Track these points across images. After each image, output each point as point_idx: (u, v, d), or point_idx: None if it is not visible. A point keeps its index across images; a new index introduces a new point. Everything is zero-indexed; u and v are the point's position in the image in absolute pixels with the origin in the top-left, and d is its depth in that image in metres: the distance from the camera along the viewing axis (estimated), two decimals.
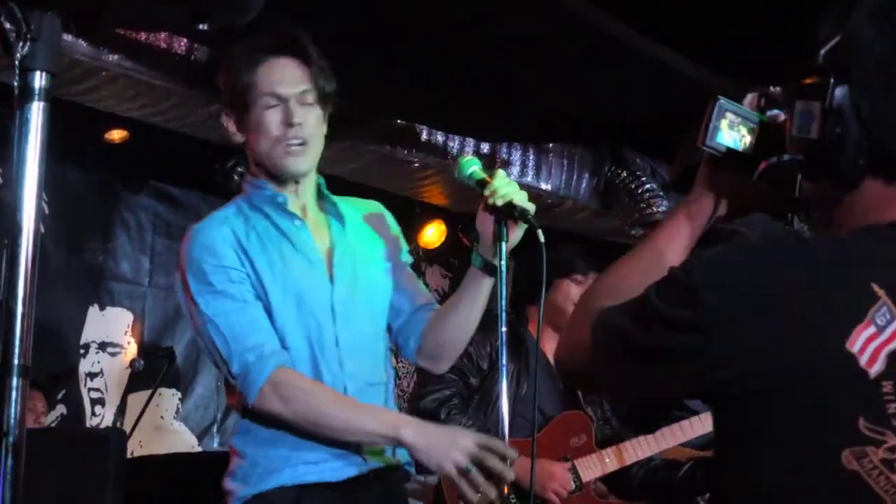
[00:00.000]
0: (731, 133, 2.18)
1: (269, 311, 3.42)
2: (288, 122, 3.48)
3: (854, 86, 1.92)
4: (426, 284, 9.46)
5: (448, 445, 3.27)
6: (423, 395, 4.78)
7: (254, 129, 3.52)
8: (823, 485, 1.76)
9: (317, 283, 3.53)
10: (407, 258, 3.80)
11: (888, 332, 1.77)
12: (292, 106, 3.50)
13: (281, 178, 3.55)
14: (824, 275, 1.83)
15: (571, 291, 5.05)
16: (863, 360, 1.76)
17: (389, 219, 3.82)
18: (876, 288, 1.79)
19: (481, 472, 3.26)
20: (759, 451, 1.83)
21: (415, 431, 3.32)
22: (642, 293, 1.97)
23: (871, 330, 1.77)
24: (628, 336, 1.97)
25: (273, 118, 3.49)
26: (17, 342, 2.18)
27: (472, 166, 3.56)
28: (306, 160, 3.54)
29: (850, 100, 1.91)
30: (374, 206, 3.81)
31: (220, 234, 3.47)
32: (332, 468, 3.41)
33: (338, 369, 3.48)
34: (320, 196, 3.67)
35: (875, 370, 1.75)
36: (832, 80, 1.93)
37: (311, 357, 3.45)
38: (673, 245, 2.20)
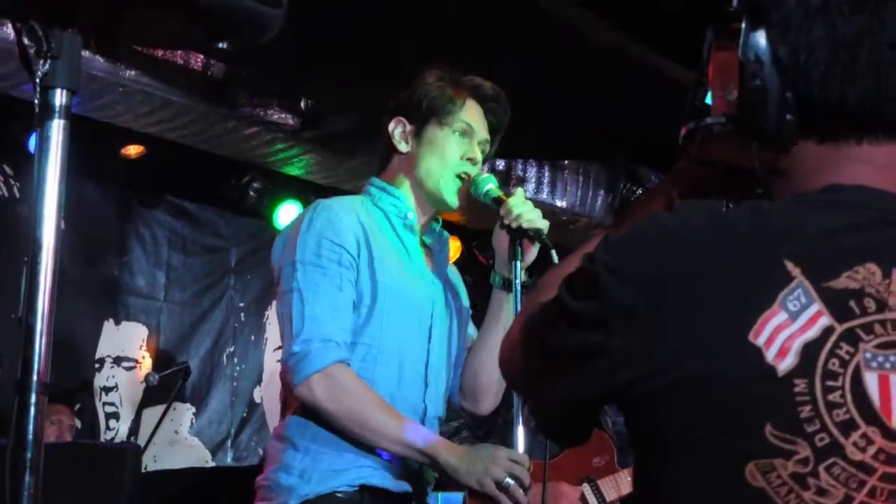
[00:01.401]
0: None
1: (372, 306, 3.40)
2: (468, 157, 3.60)
3: (771, 29, 1.67)
4: None
5: (487, 462, 3.27)
6: None
7: (430, 146, 3.59)
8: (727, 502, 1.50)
9: (422, 300, 3.57)
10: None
11: (802, 319, 1.48)
12: (475, 146, 3.63)
13: (431, 200, 3.63)
14: (733, 253, 1.54)
15: None
16: (770, 354, 1.47)
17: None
18: (790, 266, 1.50)
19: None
20: (661, 467, 1.58)
21: (453, 452, 3.31)
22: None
23: (782, 317, 1.48)
24: (541, 335, 1.75)
25: (457, 146, 3.60)
26: (36, 359, 2.19)
27: (489, 184, 3.58)
28: (460, 197, 3.63)
29: (767, 46, 1.67)
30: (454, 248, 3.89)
31: (349, 216, 3.45)
32: (392, 476, 3.40)
33: (422, 386, 3.53)
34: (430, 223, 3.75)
35: (785, 366, 1.46)
36: (745, 26, 1.69)
37: (399, 364, 3.47)
38: None
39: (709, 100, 1.85)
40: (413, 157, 3.61)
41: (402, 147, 3.62)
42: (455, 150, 3.59)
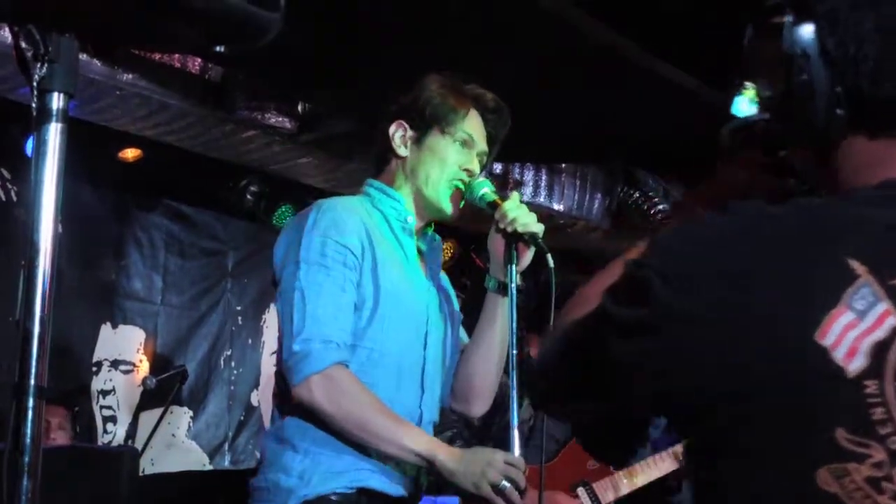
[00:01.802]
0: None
1: (374, 310, 3.40)
2: (466, 168, 3.61)
3: (818, 22, 1.64)
4: None
5: (483, 465, 3.26)
6: None
7: (430, 153, 3.60)
8: None
9: (419, 305, 3.58)
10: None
11: (870, 318, 1.44)
12: (474, 157, 3.65)
13: (428, 207, 3.64)
14: (790, 252, 1.50)
15: None
16: (838, 355, 1.42)
17: None
18: (854, 264, 1.46)
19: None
20: (725, 475, 1.52)
21: (450, 455, 3.30)
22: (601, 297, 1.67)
23: (849, 316, 1.43)
24: (585, 350, 1.69)
25: (456, 156, 3.61)
26: (33, 363, 2.19)
27: (483, 188, 3.59)
28: (458, 208, 3.65)
29: (814, 39, 1.63)
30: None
31: (353, 217, 3.45)
32: (390, 480, 3.40)
33: (418, 392, 3.53)
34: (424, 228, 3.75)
35: (855, 367, 1.42)
36: (790, 19, 1.66)
37: (398, 369, 3.47)
38: None
39: (747, 97, 1.82)
40: (412, 162, 3.62)
41: (402, 151, 3.63)
42: (454, 160, 3.59)
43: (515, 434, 3.52)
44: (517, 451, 3.48)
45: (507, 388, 4.68)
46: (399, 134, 3.63)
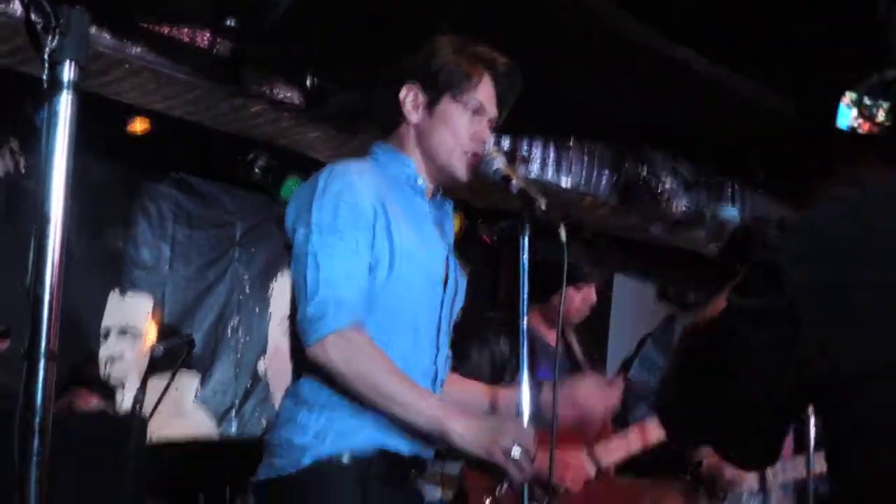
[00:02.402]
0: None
1: (390, 271, 3.41)
2: (479, 137, 3.62)
3: None
4: None
5: (494, 433, 3.28)
6: None
7: (442, 121, 3.59)
8: None
9: (434, 266, 3.59)
10: None
11: None
12: (486, 124, 3.65)
13: (440, 173, 3.65)
14: None
15: (574, 297, 5.06)
16: None
17: None
18: None
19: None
20: (863, 459, 1.51)
21: (461, 421, 3.31)
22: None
23: None
24: (719, 355, 1.65)
25: (468, 125, 3.60)
26: (44, 328, 2.24)
27: (498, 162, 3.60)
28: (470, 173, 3.66)
29: None
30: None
31: (364, 180, 3.45)
32: (405, 441, 3.42)
33: (433, 351, 3.57)
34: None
35: None
36: None
37: (415, 330, 3.50)
38: None
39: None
40: (423, 128, 3.61)
41: (413, 117, 3.61)
42: (466, 128, 3.59)
43: (525, 397, 3.57)
44: (527, 415, 3.53)
45: (505, 354, 4.75)
46: (410, 99, 3.61)
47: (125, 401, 7.75)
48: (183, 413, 8.11)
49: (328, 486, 3.32)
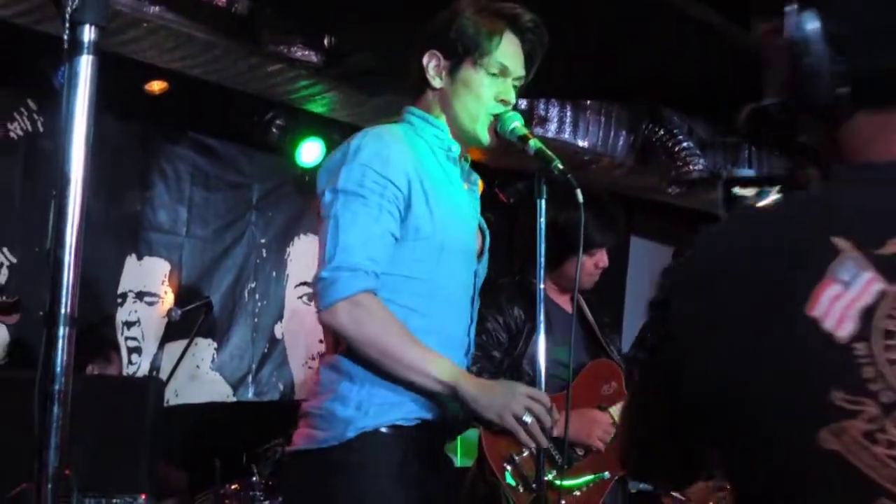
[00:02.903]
0: None
1: (430, 240, 3.42)
2: (502, 99, 3.59)
3: (819, 4, 1.72)
4: None
5: (506, 397, 3.28)
6: None
7: (465, 86, 3.57)
8: (804, 470, 1.55)
9: (469, 235, 3.61)
10: None
11: (856, 287, 1.54)
12: (509, 85, 3.61)
13: (465, 136, 3.62)
14: (778, 242, 1.63)
15: (587, 263, 5.03)
16: (828, 324, 1.53)
17: None
18: (837, 241, 1.56)
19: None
20: (741, 450, 1.64)
21: (474, 384, 3.31)
22: None
23: (836, 288, 1.54)
24: (636, 397, 1.90)
25: (491, 88, 3.58)
26: (64, 292, 2.22)
27: (515, 121, 3.57)
28: (495, 137, 3.63)
29: (816, 21, 1.71)
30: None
31: (400, 148, 3.45)
32: (443, 412, 3.42)
33: (467, 322, 3.59)
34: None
35: (845, 332, 1.53)
36: (794, 6, 1.73)
37: (450, 300, 3.51)
38: None
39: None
40: (447, 94, 3.59)
41: (436, 83, 3.59)
42: (490, 92, 3.57)
43: (542, 359, 3.56)
44: (543, 379, 3.52)
45: (520, 320, 4.73)
46: (433, 64, 3.59)
47: (142, 366, 7.77)
48: (199, 378, 8.12)
49: (371, 461, 3.31)
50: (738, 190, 1.96)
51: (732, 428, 1.63)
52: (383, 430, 3.32)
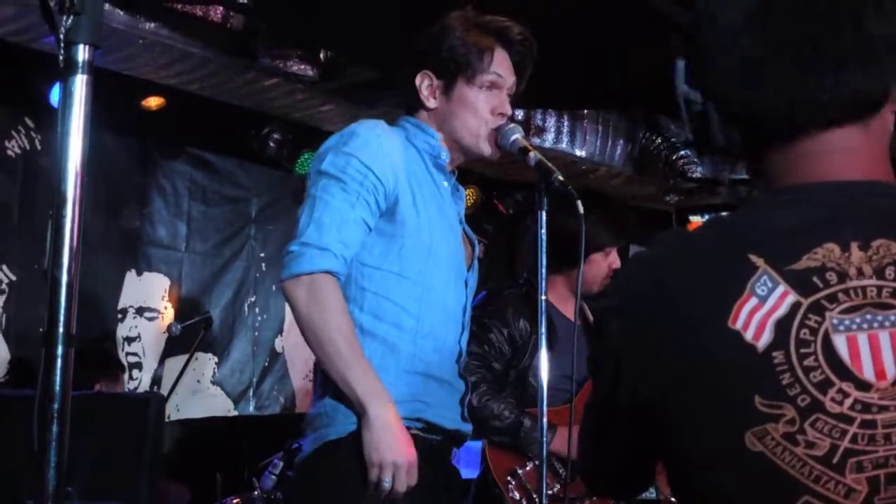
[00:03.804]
0: None
1: (420, 242, 3.39)
2: (500, 111, 3.58)
3: (694, 58, 1.84)
4: None
5: (389, 452, 3.19)
6: None
7: (461, 104, 3.55)
8: (734, 473, 1.65)
9: (457, 244, 3.58)
10: None
11: (771, 300, 1.65)
12: (504, 97, 3.60)
13: (465, 152, 3.61)
14: (702, 261, 1.73)
15: (602, 263, 5.03)
16: (748, 335, 1.64)
17: None
18: (754, 258, 1.67)
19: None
20: (678, 456, 1.73)
21: (377, 414, 3.21)
22: None
23: (753, 302, 1.65)
24: (589, 415, 1.96)
25: (487, 102, 3.56)
26: (62, 311, 2.22)
27: (515, 134, 3.58)
28: (497, 149, 3.62)
29: (696, 73, 1.84)
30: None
31: (391, 144, 3.44)
32: (445, 415, 3.42)
33: (459, 330, 3.55)
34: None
35: (763, 342, 1.63)
36: (683, 58, 1.87)
37: (444, 307, 3.47)
38: None
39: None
40: (443, 113, 3.57)
41: (430, 103, 3.57)
42: (486, 106, 3.55)
43: (543, 372, 3.56)
44: (545, 392, 3.52)
45: (525, 332, 4.72)
46: (426, 84, 3.57)
47: (143, 381, 7.77)
48: (200, 392, 8.12)
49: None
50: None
51: (668, 439, 1.72)
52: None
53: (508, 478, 4.60)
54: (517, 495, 4.58)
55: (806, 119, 1.74)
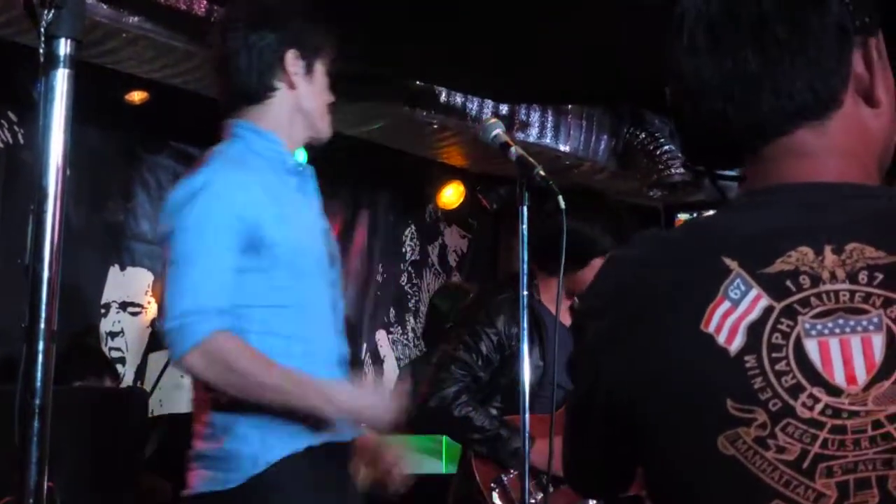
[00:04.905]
0: None
1: (292, 267, 3.33)
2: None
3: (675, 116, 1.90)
4: (444, 245, 9.50)
5: (360, 408, 3.32)
6: (429, 395, 4.64)
7: (318, 83, 3.59)
8: (706, 476, 1.65)
9: (319, 246, 3.51)
10: None
11: (744, 304, 1.65)
12: None
13: (314, 133, 3.61)
14: (676, 263, 1.74)
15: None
16: (721, 339, 1.64)
17: None
18: (727, 261, 1.67)
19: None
20: (652, 459, 1.73)
21: (333, 410, 3.28)
22: None
23: (726, 305, 1.66)
24: (568, 418, 1.95)
25: (325, 84, 3.63)
26: (43, 307, 2.22)
27: (496, 129, 3.59)
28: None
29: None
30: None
31: (242, 179, 3.35)
32: (343, 428, 3.39)
33: (336, 334, 3.52)
34: None
35: (735, 346, 1.63)
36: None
37: (324, 318, 3.45)
38: None
39: None
40: (303, 94, 3.57)
41: (297, 83, 3.56)
42: (326, 89, 3.67)
43: (525, 376, 3.55)
44: (527, 395, 3.51)
45: (514, 341, 4.70)
46: (298, 67, 3.59)
47: (126, 376, 7.75)
48: (184, 387, 8.10)
49: (289, 484, 3.27)
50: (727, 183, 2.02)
51: (643, 440, 1.72)
52: (289, 459, 3.26)
53: (492, 485, 4.60)
54: (501, 503, 4.59)
55: (762, 129, 1.77)
